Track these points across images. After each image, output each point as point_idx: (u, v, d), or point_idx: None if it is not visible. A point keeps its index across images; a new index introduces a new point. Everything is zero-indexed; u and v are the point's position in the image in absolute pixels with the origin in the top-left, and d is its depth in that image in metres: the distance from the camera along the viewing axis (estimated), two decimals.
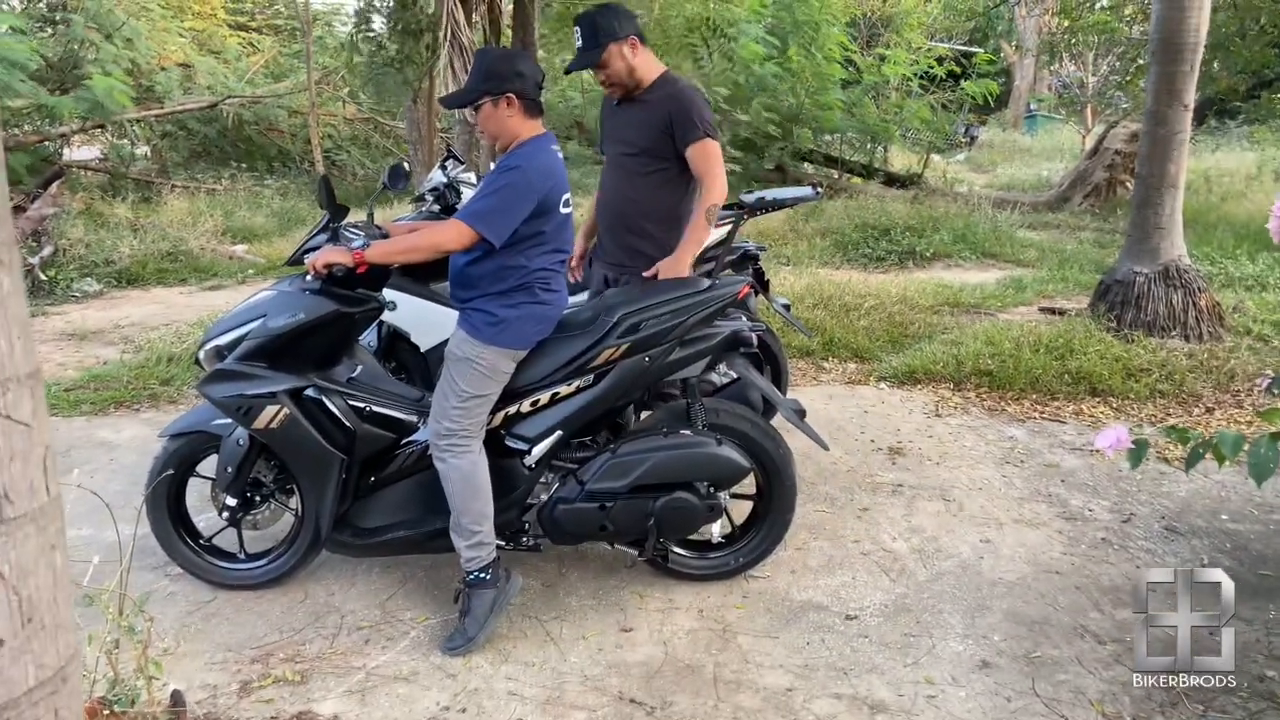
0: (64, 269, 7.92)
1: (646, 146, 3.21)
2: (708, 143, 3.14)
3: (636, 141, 3.24)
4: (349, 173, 14.38)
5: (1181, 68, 5.76)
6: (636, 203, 3.27)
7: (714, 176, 3.13)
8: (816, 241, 9.53)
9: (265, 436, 2.84)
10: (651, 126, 3.18)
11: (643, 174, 3.24)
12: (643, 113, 3.23)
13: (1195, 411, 4.82)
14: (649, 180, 3.24)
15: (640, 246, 3.27)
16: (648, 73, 3.24)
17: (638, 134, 3.23)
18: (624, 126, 3.30)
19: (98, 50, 11.50)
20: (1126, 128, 12.48)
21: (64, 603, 0.86)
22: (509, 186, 2.64)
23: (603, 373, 2.83)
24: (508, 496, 2.87)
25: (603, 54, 3.12)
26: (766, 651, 2.78)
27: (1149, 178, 5.99)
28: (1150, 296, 5.83)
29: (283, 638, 2.85)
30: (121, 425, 4.67)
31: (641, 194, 3.26)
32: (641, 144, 3.22)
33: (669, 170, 3.22)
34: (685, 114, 3.12)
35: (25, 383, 0.89)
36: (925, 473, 4.11)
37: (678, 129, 3.13)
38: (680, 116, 3.12)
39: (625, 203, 3.28)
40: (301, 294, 2.86)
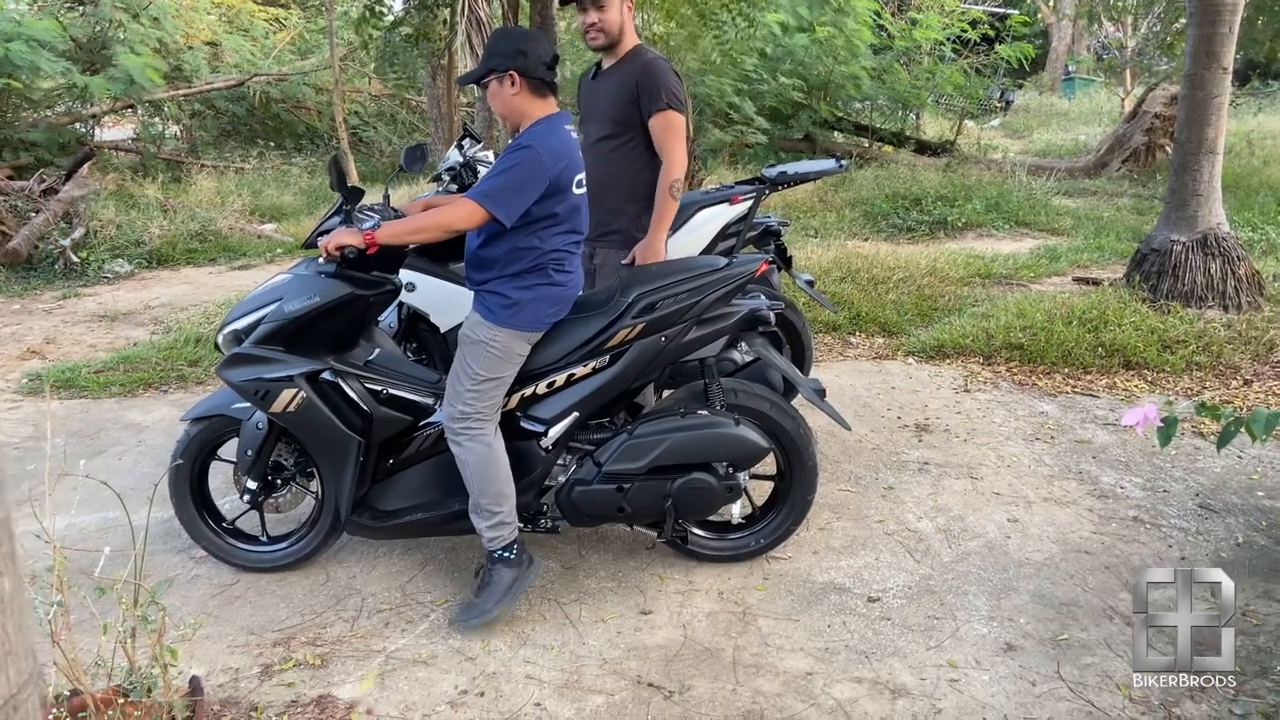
0: (95, 250, 8.01)
1: (616, 117, 3.25)
2: (669, 114, 3.18)
3: (608, 113, 3.28)
4: (376, 149, 14.39)
5: (1220, 30, 5.56)
6: (609, 177, 3.28)
7: (672, 150, 3.20)
8: (845, 212, 9.39)
9: (283, 420, 2.84)
10: (620, 97, 3.23)
11: (614, 147, 3.28)
12: (613, 85, 3.28)
13: (1233, 384, 4.70)
14: (619, 153, 3.28)
15: (613, 224, 3.34)
16: (629, 39, 3.29)
17: (608, 105, 3.27)
18: (599, 101, 3.33)
19: (125, 29, 11.56)
20: (1166, 90, 12.14)
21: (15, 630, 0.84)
22: (520, 165, 2.60)
23: (619, 353, 2.80)
24: (525, 479, 2.85)
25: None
26: (787, 634, 2.75)
27: (1187, 143, 5.81)
28: (1188, 266, 5.67)
29: (304, 620, 2.87)
30: (150, 406, 4.72)
31: (614, 168, 3.29)
32: (612, 115, 3.26)
33: (636, 141, 3.26)
34: (652, 83, 3.17)
35: None
36: (952, 450, 4.05)
37: (644, 98, 3.18)
38: (647, 85, 3.17)
39: (600, 178, 3.24)
40: (317, 277, 2.85)
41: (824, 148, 12.11)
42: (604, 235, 3.37)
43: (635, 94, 3.19)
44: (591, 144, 3.33)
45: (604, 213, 3.32)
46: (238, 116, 14.28)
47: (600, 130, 3.33)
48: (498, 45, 2.70)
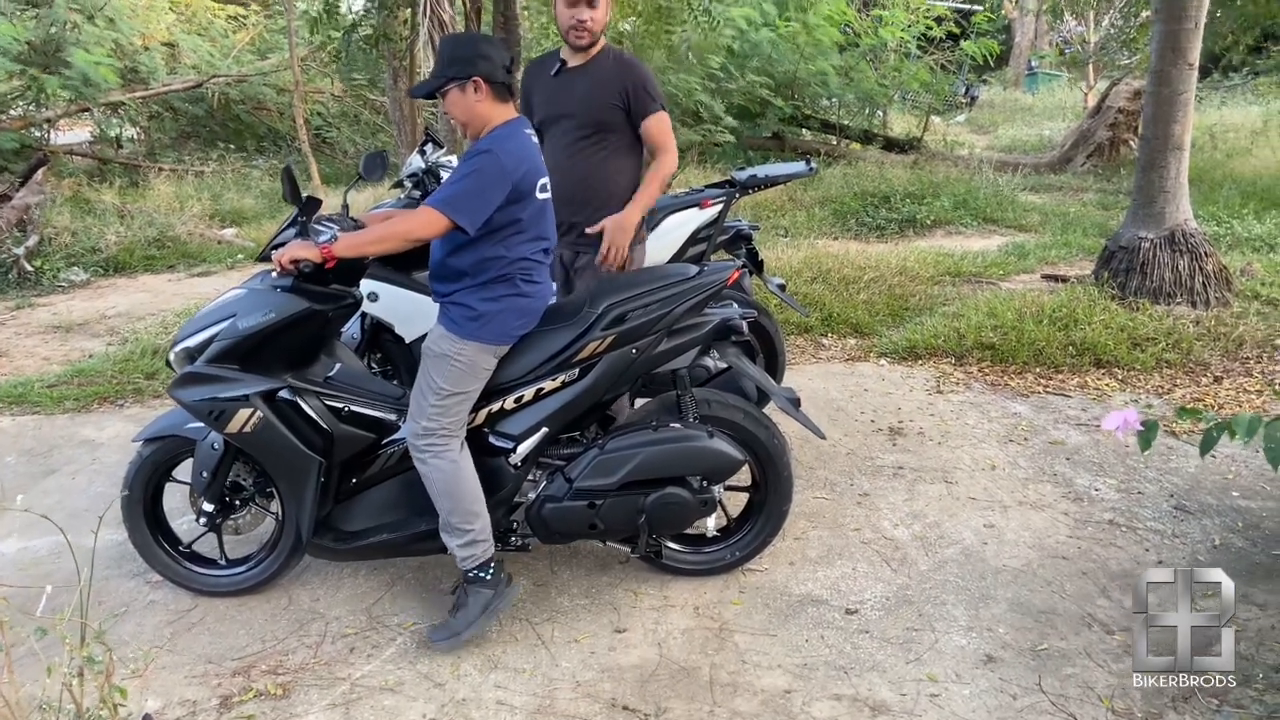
0: (50, 259, 7.79)
1: (598, 118, 3.16)
2: (663, 115, 3.19)
3: (588, 114, 3.16)
4: (339, 150, 14.17)
5: (1186, 25, 5.58)
6: (589, 179, 3.19)
7: (670, 149, 3.20)
8: (815, 211, 9.36)
9: (239, 441, 2.73)
10: (601, 97, 3.14)
11: (594, 148, 3.19)
12: (590, 84, 3.16)
13: (1203, 381, 4.70)
14: (601, 155, 3.19)
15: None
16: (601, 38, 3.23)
17: (586, 106, 3.16)
18: (570, 100, 3.19)
19: (80, 31, 11.28)
20: (1129, 84, 12.25)
21: None
22: (479, 171, 2.52)
23: (589, 366, 2.72)
24: (494, 496, 2.77)
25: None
26: (764, 650, 2.69)
27: (1153, 140, 5.82)
28: (1156, 262, 5.68)
29: (265, 647, 2.77)
30: (105, 422, 4.57)
31: (594, 170, 3.20)
32: (593, 115, 3.15)
33: (620, 143, 3.20)
34: (642, 85, 3.14)
35: None
36: (927, 454, 4.01)
37: (635, 100, 3.14)
38: (637, 88, 3.13)
39: (578, 179, 3.18)
40: (272, 292, 2.74)
41: (792, 145, 12.09)
42: (585, 238, 3.24)
43: (623, 95, 3.13)
44: (566, 144, 3.21)
45: (585, 215, 3.21)
46: (197, 118, 13.99)
47: (576, 131, 3.20)
48: (458, 51, 2.60)
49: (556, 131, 3.25)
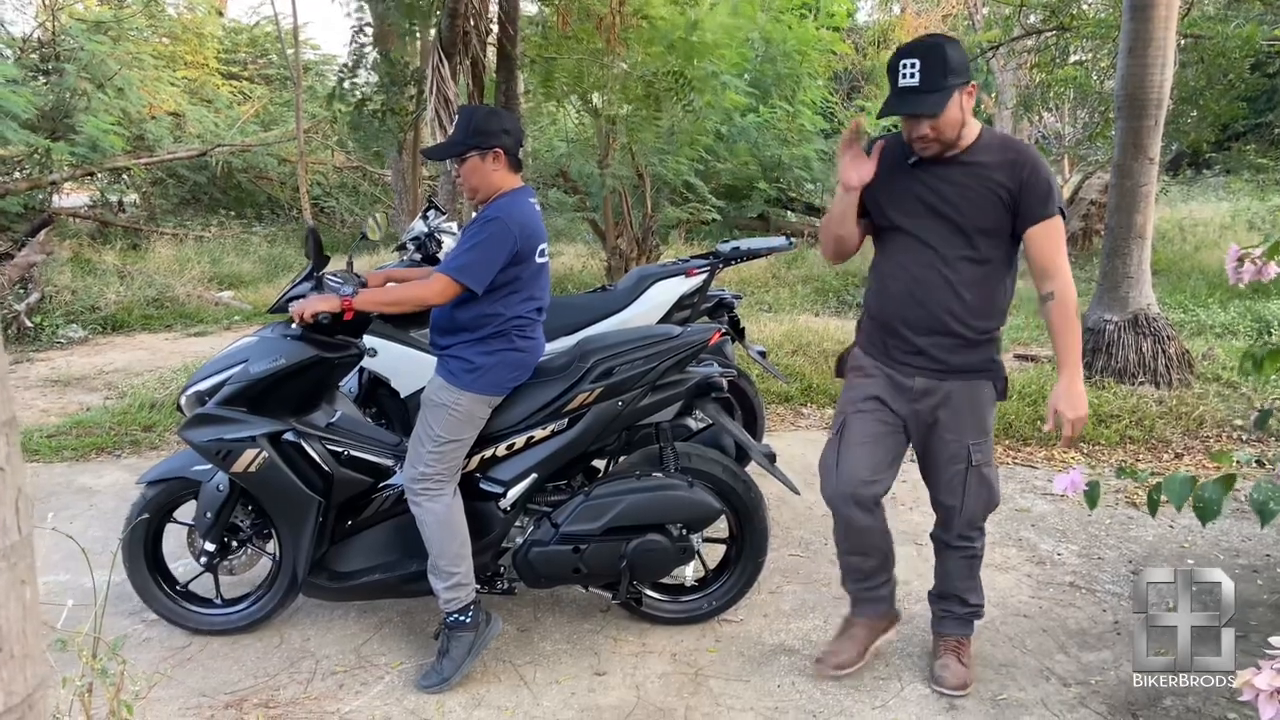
0: (50, 315, 7.97)
1: (984, 226, 2.49)
2: (1059, 220, 2.51)
3: (966, 218, 2.49)
4: (337, 219, 14.54)
5: (1146, 122, 5.94)
6: (964, 299, 2.53)
7: (1066, 267, 2.53)
8: (798, 288, 9.67)
9: (244, 480, 2.88)
10: (987, 198, 2.47)
11: (972, 261, 2.52)
12: (970, 178, 2.48)
13: (1165, 457, 4.91)
14: (984, 269, 2.54)
15: (981, 357, 2.63)
16: (971, 128, 2.50)
17: (967, 207, 2.48)
18: (934, 194, 2.51)
19: (89, 100, 11.66)
20: (1101, 178, 12.74)
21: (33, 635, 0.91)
22: (490, 239, 2.73)
23: (577, 417, 2.90)
24: (483, 539, 2.91)
25: (947, 101, 2.37)
26: (738, 695, 2.81)
27: (1117, 229, 6.14)
28: (1120, 344, 5.94)
29: (257, 683, 2.87)
30: (102, 471, 4.69)
31: (970, 288, 2.53)
32: (979, 223, 2.49)
33: (1000, 255, 2.55)
34: (1039, 182, 2.45)
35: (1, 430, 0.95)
36: (899, 517, 4.16)
37: (1029, 201, 2.46)
38: (1034, 186, 2.45)
39: (945, 302, 2.54)
40: (283, 340, 2.92)
41: (777, 226, 12.49)
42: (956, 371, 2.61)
43: (1014, 196, 2.46)
44: (918, 247, 2.55)
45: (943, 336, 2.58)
46: (199, 185, 14.37)
47: (945, 231, 2.52)
48: (486, 124, 2.82)
49: (910, 231, 2.57)
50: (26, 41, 13.16)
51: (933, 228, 2.53)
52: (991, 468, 2.75)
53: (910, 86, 2.37)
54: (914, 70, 2.35)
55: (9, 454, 0.95)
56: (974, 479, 2.72)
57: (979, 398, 2.66)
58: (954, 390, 2.63)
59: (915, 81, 2.36)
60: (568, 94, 8.44)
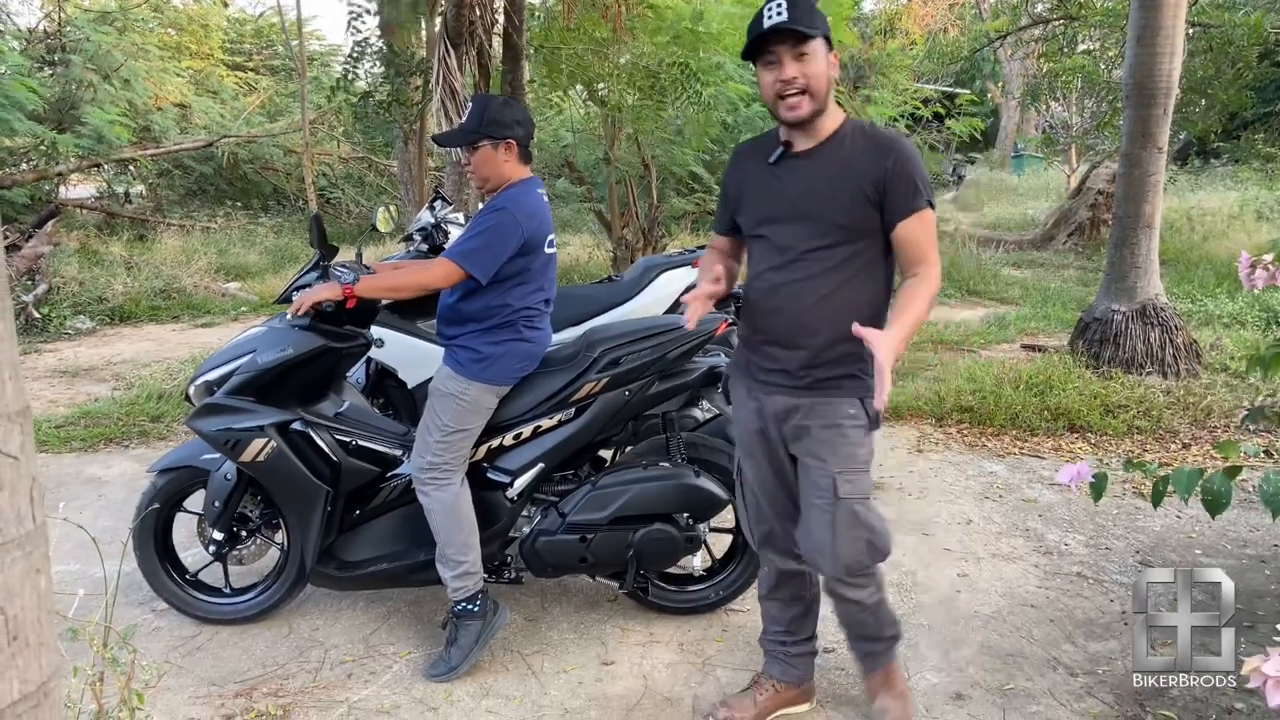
0: (58, 306, 7.99)
1: (843, 222, 2.23)
2: (929, 212, 2.24)
3: (824, 215, 2.23)
4: (343, 210, 14.55)
5: (1154, 111, 5.91)
6: (830, 304, 2.26)
7: (935, 259, 2.26)
8: None
9: (252, 469, 2.89)
10: (849, 192, 2.21)
11: (836, 262, 2.26)
12: (831, 172, 2.24)
13: (1172, 447, 4.90)
14: (845, 271, 2.27)
15: (843, 370, 2.29)
16: (834, 117, 2.30)
17: (827, 202, 2.23)
18: (796, 193, 2.27)
19: (95, 91, 11.68)
20: (1109, 168, 12.70)
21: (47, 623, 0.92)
22: (496, 227, 2.73)
23: (584, 406, 2.90)
24: (490, 529, 2.92)
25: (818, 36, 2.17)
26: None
27: (1125, 218, 6.12)
28: (1128, 334, 5.93)
29: (266, 671, 2.89)
30: (111, 461, 4.71)
31: (838, 291, 2.27)
32: (836, 218, 2.23)
33: (870, 253, 2.28)
34: (908, 174, 2.19)
35: (15, 419, 0.96)
36: (906, 508, 4.17)
37: (896, 195, 2.19)
38: (901, 178, 2.18)
39: (808, 308, 2.27)
40: (291, 330, 2.93)
41: None
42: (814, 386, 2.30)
43: (879, 188, 2.19)
44: (782, 253, 2.29)
45: (810, 348, 2.28)
46: (205, 176, 14.39)
47: (807, 233, 2.25)
48: (501, 114, 2.81)
49: (773, 236, 2.32)
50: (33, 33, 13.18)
51: (791, 229, 2.27)
52: (868, 508, 2.31)
53: (779, 23, 2.13)
54: (781, 7, 2.13)
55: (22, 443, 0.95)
56: (843, 516, 2.27)
57: (841, 417, 2.28)
58: (813, 407, 2.29)
59: (784, 16, 2.12)
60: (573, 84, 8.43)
